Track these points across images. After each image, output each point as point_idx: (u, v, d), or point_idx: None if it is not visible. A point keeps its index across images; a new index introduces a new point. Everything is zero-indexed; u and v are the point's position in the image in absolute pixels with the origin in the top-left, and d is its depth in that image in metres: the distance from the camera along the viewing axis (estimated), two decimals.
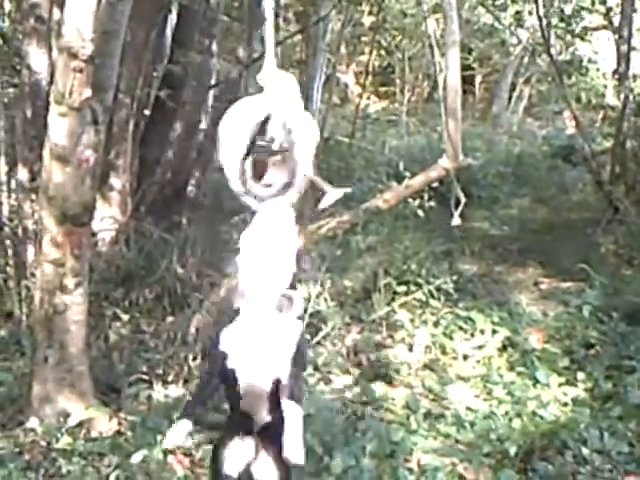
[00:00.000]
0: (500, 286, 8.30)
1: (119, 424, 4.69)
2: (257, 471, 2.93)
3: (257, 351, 2.75)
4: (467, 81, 19.62)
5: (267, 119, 2.93)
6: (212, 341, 2.92)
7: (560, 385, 5.58)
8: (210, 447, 4.04)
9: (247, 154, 2.92)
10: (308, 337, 3.00)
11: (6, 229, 6.45)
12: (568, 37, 13.26)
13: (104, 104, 4.60)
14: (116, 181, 7.25)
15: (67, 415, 4.59)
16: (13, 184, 6.59)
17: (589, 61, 15.48)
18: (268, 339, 2.76)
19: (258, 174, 2.96)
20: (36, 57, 6.09)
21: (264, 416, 2.85)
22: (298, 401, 2.84)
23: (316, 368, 5.81)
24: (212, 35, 8.44)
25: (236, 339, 2.79)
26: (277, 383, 2.77)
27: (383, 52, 19.47)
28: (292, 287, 2.86)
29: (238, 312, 2.83)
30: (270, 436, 2.88)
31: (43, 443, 4.40)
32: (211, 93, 8.81)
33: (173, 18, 8.91)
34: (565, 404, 5.33)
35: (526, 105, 19.05)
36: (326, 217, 6.57)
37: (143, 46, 7.23)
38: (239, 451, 2.93)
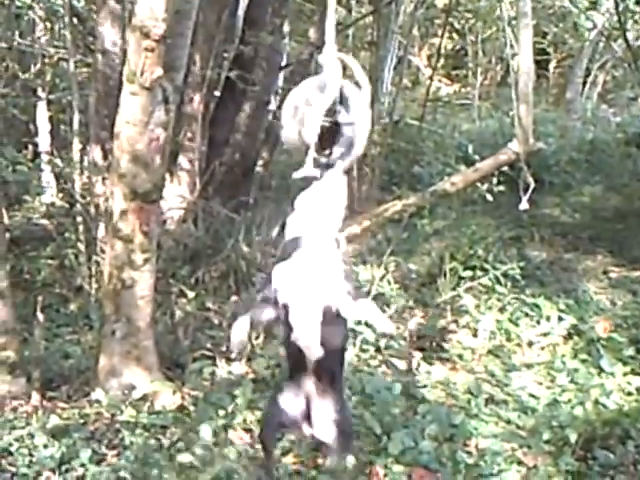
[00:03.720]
0: (569, 274, 8.19)
1: (182, 398, 4.76)
2: (314, 412, 3.10)
3: (305, 283, 2.94)
4: (541, 66, 19.30)
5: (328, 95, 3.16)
6: (264, 278, 3.14)
7: (625, 374, 5.48)
8: None
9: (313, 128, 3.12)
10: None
11: (78, 206, 6.59)
12: None
13: (175, 83, 4.67)
14: (185, 161, 7.34)
15: (132, 388, 4.68)
16: (86, 162, 6.73)
17: None
18: (315, 272, 2.95)
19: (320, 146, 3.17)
20: (110, 37, 6.20)
21: (318, 349, 2.97)
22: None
23: (378, 350, 5.83)
24: (283, 16, 8.47)
25: (286, 274, 2.98)
26: (329, 312, 2.93)
27: (456, 35, 19.27)
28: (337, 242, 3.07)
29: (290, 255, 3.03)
30: (324, 373, 3.05)
31: (107, 415, 4.50)
32: (281, 74, 8.84)
33: None
34: (629, 393, 5.23)
35: (600, 91, 18.65)
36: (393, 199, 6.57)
37: (214, 26, 7.28)
38: (296, 395, 3.11)
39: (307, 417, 3.12)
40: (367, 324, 3.42)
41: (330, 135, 3.19)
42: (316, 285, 2.93)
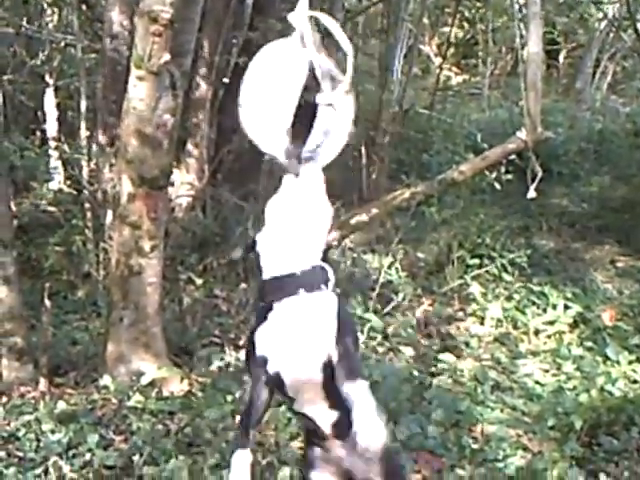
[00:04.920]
0: (576, 263, 8.20)
1: (190, 385, 4.78)
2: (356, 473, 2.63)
3: (295, 342, 2.47)
4: (551, 56, 19.20)
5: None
6: (250, 346, 2.59)
7: (630, 362, 5.49)
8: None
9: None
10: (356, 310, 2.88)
11: (85, 192, 6.60)
12: None
13: (182, 69, 4.68)
14: (193, 148, 7.34)
15: (140, 374, 4.70)
16: (93, 148, 6.73)
17: None
18: (304, 324, 2.47)
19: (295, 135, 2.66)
20: (117, 23, 6.19)
21: (328, 412, 2.57)
22: (358, 375, 2.46)
23: (385, 337, 5.84)
24: (292, 2, 8.42)
25: (271, 337, 2.51)
26: (328, 367, 2.46)
27: (466, 24, 19.19)
28: (324, 259, 2.57)
29: (270, 307, 2.54)
30: (344, 434, 2.53)
31: (115, 400, 4.53)
32: None
33: None
34: (634, 381, 5.23)
35: (610, 82, 18.54)
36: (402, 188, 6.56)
37: (223, 12, 7.27)
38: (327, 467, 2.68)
39: None
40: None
41: (304, 118, 2.66)
42: (307, 346, 2.46)
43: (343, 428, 2.50)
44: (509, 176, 7.74)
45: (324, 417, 2.58)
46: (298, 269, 2.49)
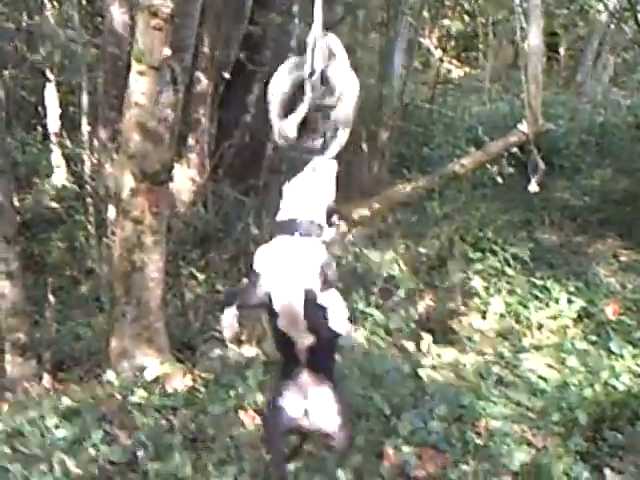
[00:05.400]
0: (578, 257, 8.18)
1: (193, 380, 4.77)
2: (313, 404, 3.07)
3: (286, 268, 2.94)
4: (552, 48, 19.17)
5: (310, 76, 3.19)
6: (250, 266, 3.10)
7: (634, 356, 5.50)
8: None
9: (292, 110, 3.20)
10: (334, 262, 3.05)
11: (88, 188, 6.60)
12: None
13: (183, 64, 4.68)
14: (194, 143, 7.33)
15: (143, 370, 4.70)
16: (95, 144, 6.73)
17: None
18: (293, 259, 2.96)
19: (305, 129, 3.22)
20: (118, 17, 6.18)
21: (305, 336, 2.96)
22: (331, 286, 2.98)
23: (387, 332, 5.83)
24: None
25: (268, 259, 3.00)
26: (310, 298, 2.91)
27: (466, 16, 19.14)
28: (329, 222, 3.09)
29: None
30: (318, 362, 3.04)
31: (119, 396, 4.52)
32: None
33: None
34: (638, 375, 5.24)
35: (611, 74, 18.53)
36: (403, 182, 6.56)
37: (223, 7, 7.25)
38: (294, 393, 3.07)
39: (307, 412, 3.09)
40: None
41: (315, 119, 3.21)
42: (296, 270, 2.93)
43: (316, 353, 3.00)
44: (511, 169, 7.74)
45: (302, 339, 2.98)
46: (300, 218, 3.04)
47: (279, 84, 3.29)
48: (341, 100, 3.19)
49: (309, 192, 3.09)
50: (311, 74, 3.18)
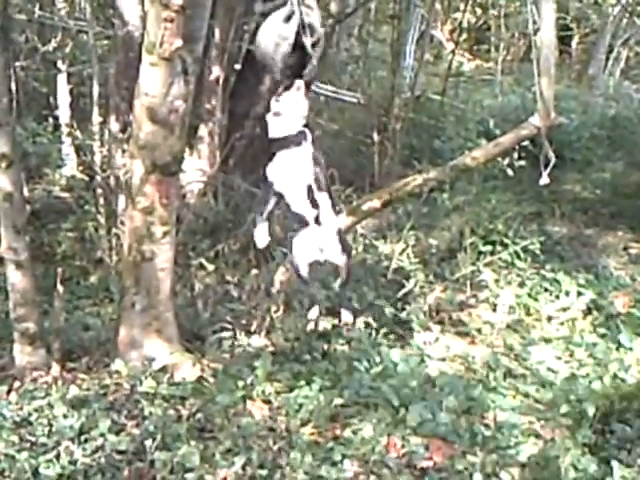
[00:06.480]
0: (589, 249, 8.19)
1: (202, 370, 4.78)
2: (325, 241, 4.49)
3: (289, 175, 4.36)
4: (564, 42, 19.13)
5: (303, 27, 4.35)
6: (264, 175, 4.46)
7: None
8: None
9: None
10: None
11: (98, 178, 6.61)
12: None
13: (194, 55, 4.63)
14: (205, 134, 7.33)
15: (152, 360, 4.70)
16: (106, 134, 6.74)
17: None
18: (293, 164, 4.34)
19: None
20: (129, 8, 6.18)
21: (311, 211, 4.39)
22: (322, 189, 4.40)
23: (397, 323, 5.83)
24: None
25: (275, 171, 4.39)
26: (310, 188, 4.35)
27: (478, 9, 19.09)
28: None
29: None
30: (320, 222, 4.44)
31: (127, 386, 4.53)
32: None
33: None
34: None
35: (623, 67, 18.47)
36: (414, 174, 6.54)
37: None
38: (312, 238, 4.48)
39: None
40: None
41: (298, 58, 4.36)
42: (296, 176, 4.33)
43: (319, 219, 4.42)
44: (522, 162, 7.73)
45: (309, 213, 4.41)
46: (290, 133, 4.36)
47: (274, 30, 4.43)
48: (320, 39, 4.42)
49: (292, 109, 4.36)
50: (303, 26, 4.30)
